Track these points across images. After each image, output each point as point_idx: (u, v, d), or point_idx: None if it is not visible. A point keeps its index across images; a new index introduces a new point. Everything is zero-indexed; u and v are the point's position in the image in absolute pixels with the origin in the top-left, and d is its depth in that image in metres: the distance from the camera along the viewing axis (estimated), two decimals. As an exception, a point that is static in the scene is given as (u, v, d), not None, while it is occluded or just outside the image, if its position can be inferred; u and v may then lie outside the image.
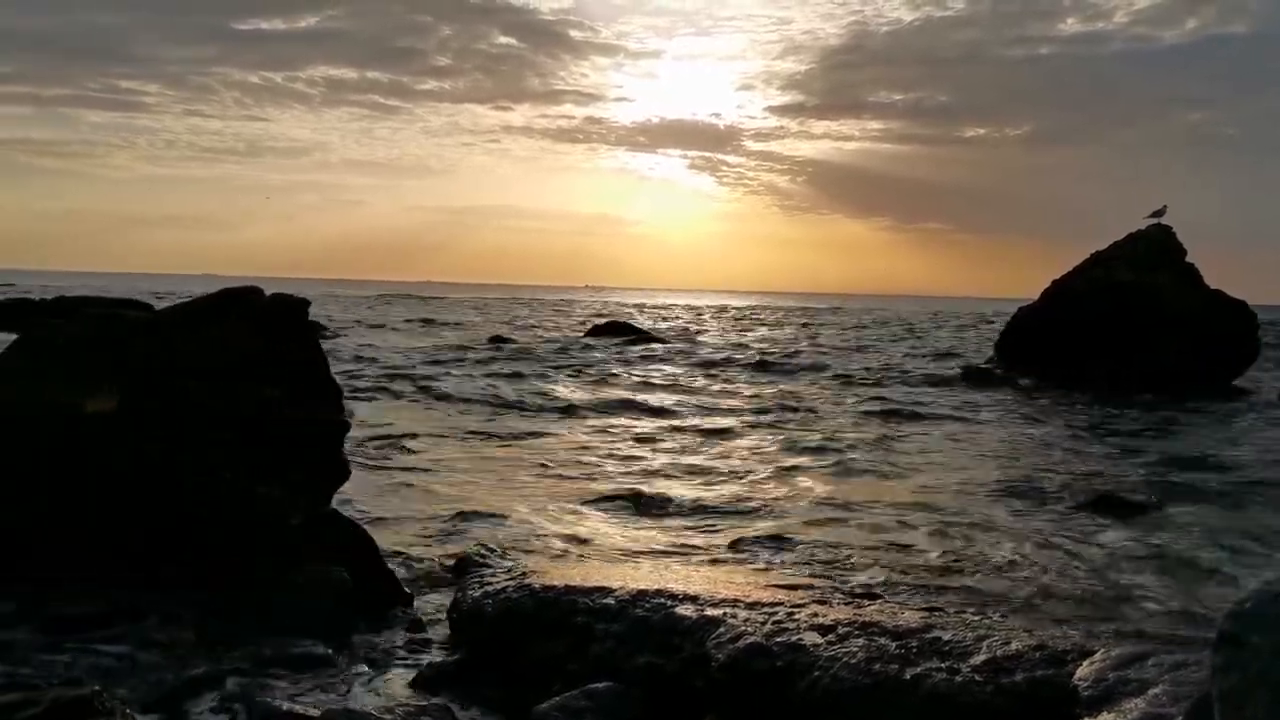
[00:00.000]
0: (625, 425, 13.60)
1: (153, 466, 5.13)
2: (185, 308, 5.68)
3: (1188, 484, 9.97)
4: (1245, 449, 12.72)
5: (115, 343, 5.35)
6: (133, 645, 4.50)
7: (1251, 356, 21.90)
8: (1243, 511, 8.74)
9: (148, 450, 5.13)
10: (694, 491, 9.18)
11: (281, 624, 4.79)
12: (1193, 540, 7.60)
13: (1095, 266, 22.37)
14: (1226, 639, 1.83)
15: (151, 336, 5.42)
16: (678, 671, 3.85)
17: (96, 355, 5.28)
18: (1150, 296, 20.83)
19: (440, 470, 9.78)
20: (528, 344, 30.06)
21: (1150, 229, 22.86)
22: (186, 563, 5.13)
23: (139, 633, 4.63)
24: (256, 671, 4.31)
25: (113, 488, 5.10)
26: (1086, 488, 9.57)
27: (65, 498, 5.06)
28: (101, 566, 5.02)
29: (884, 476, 10.27)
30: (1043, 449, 12.42)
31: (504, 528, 7.46)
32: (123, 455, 5.11)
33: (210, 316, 5.56)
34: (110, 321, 5.54)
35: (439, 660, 4.58)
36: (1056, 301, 22.08)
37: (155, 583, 5.02)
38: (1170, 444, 13.04)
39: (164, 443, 5.16)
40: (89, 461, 5.09)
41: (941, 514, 8.36)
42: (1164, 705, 2.69)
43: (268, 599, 4.97)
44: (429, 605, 5.53)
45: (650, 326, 41.44)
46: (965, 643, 3.54)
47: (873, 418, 15.08)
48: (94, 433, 5.10)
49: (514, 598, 4.42)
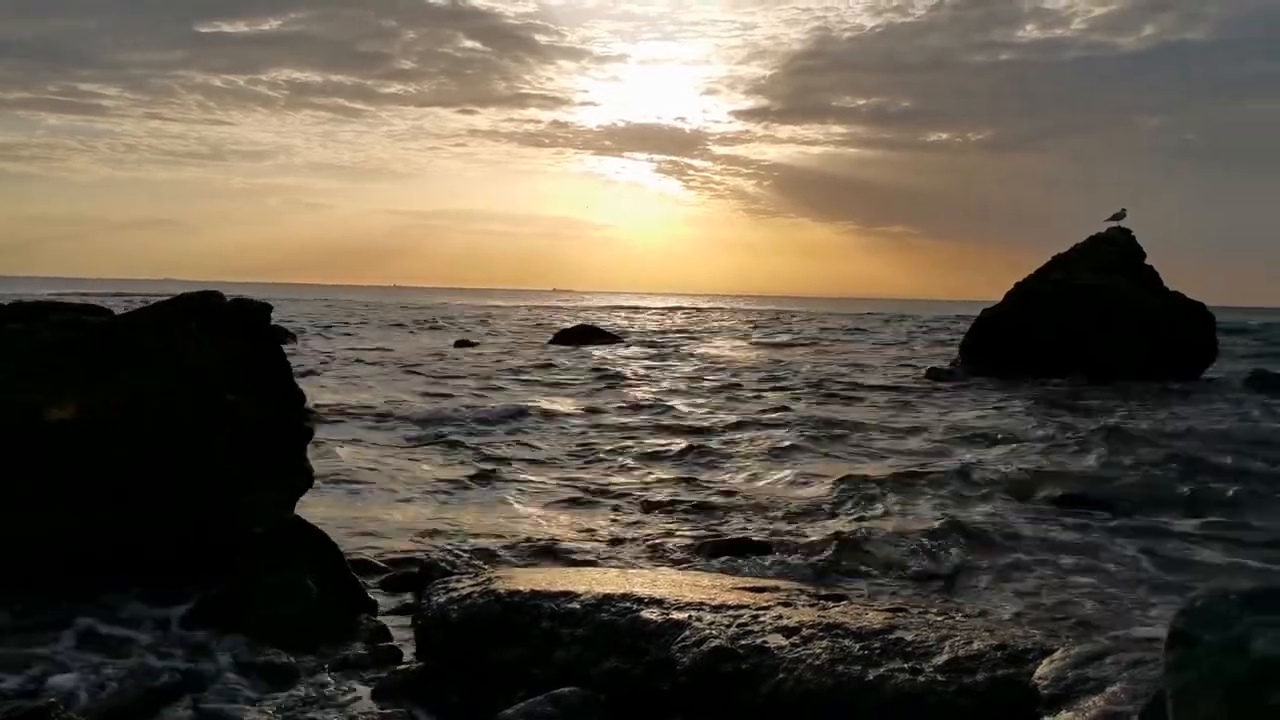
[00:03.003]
0: (587, 425, 13.57)
1: (114, 474, 5.07)
2: (146, 313, 5.61)
3: (1147, 480, 10.11)
4: (1200, 443, 12.91)
5: (76, 348, 5.28)
6: (93, 655, 4.45)
7: (1209, 357, 22.24)
8: (1203, 508, 8.86)
9: (108, 457, 5.07)
10: (658, 494, 9.17)
11: (245, 633, 4.75)
12: (1151, 535, 7.70)
13: (1057, 269, 22.66)
14: (1179, 637, 1.86)
15: (112, 342, 5.35)
16: (643, 675, 3.84)
17: (57, 361, 5.21)
18: (1111, 298, 21.11)
19: (403, 478, 9.72)
20: (494, 350, 29.94)
21: (1111, 232, 23.18)
22: (149, 571, 5.07)
23: (99, 642, 4.58)
24: (218, 681, 4.27)
25: (74, 495, 5.03)
26: (1048, 481, 9.69)
27: (26, 504, 4.98)
28: (63, 574, 4.95)
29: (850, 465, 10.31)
30: (1001, 446, 12.52)
31: (468, 534, 7.44)
32: (83, 463, 5.04)
33: (171, 322, 5.50)
34: (70, 327, 5.47)
35: (403, 668, 4.55)
36: (1020, 304, 22.32)
37: (118, 591, 4.96)
38: (1125, 441, 13.20)
39: (125, 449, 5.10)
40: (50, 468, 5.02)
41: (901, 507, 8.41)
42: (1122, 703, 2.72)
43: (232, 607, 4.92)
44: (393, 612, 5.50)
45: (619, 330, 41.46)
46: (928, 643, 3.57)
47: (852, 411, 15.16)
48: (55, 439, 5.03)
49: (479, 603, 4.40)
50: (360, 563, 6.22)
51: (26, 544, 4.95)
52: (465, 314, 62.94)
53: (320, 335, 34.75)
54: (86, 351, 5.26)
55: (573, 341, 33.62)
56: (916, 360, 28.15)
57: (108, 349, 5.28)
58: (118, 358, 5.27)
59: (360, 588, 5.61)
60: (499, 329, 43.85)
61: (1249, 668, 1.72)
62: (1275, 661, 1.70)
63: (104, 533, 5.03)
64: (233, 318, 5.60)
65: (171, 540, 5.12)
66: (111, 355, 5.26)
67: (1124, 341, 20.50)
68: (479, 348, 29.57)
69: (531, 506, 8.62)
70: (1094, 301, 21.04)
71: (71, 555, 4.99)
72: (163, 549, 5.11)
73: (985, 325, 22.86)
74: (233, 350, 5.46)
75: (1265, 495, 9.38)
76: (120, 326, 5.53)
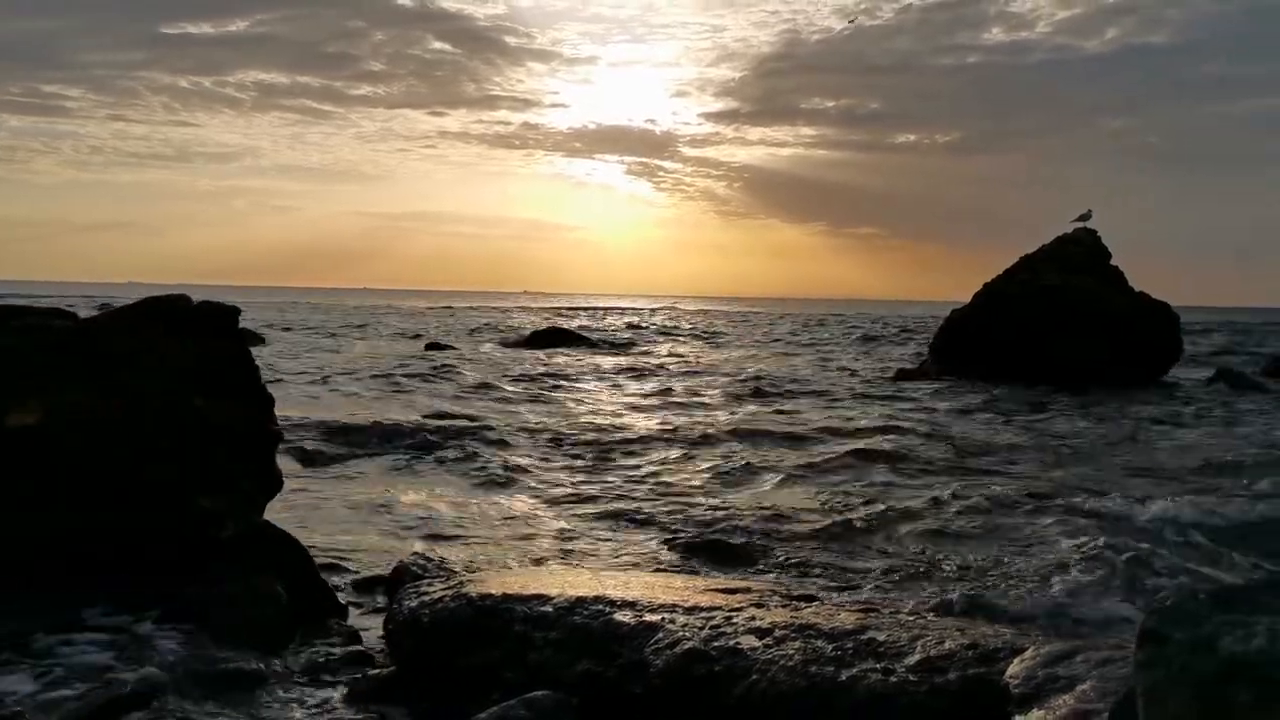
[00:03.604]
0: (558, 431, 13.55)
1: (80, 480, 5.01)
2: (112, 316, 5.54)
3: (1115, 475, 10.23)
4: (1166, 442, 13.09)
5: (40, 353, 5.21)
6: (58, 662, 4.38)
7: (1174, 356, 22.52)
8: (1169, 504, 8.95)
9: (74, 463, 5.00)
10: (628, 495, 9.17)
11: (213, 638, 4.70)
12: (1115, 531, 7.77)
13: (1024, 270, 22.85)
14: (1149, 636, 1.87)
15: (78, 346, 5.29)
16: (616, 678, 3.84)
17: (20, 366, 5.13)
18: (1077, 299, 21.32)
19: (370, 480, 9.65)
20: (464, 353, 29.83)
21: (1077, 232, 23.41)
22: (116, 576, 5.01)
23: (65, 649, 4.51)
24: (186, 688, 4.21)
25: (40, 502, 4.96)
26: (1015, 479, 9.78)
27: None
28: (28, 580, 4.88)
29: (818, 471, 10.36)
30: (969, 445, 12.62)
31: (439, 537, 7.40)
32: (48, 469, 4.97)
33: (138, 325, 5.43)
34: (35, 332, 5.39)
35: (375, 673, 4.52)
36: (987, 304, 22.49)
37: (82, 597, 4.90)
38: (1096, 438, 13.36)
39: (91, 455, 5.04)
40: (12, 476, 4.95)
41: (866, 505, 8.47)
42: (1092, 701, 2.74)
43: (199, 613, 4.87)
44: (364, 617, 5.46)
45: (588, 331, 41.43)
46: (900, 643, 3.59)
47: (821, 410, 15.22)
48: (18, 447, 4.96)
49: (450, 607, 4.38)
50: (330, 566, 6.18)
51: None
52: (435, 315, 62.65)
53: (286, 339, 34.48)
54: (51, 356, 5.19)
55: (542, 344, 33.59)
56: (887, 361, 28.34)
57: (73, 353, 5.21)
58: (83, 362, 5.20)
59: (330, 592, 5.57)
60: (466, 331, 43.69)
61: (1217, 666, 1.74)
62: (1243, 660, 1.72)
63: (69, 537, 4.97)
64: (200, 321, 5.54)
65: (140, 545, 5.06)
66: (77, 360, 5.19)
67: (1088, 341, 20.71)
68: (451, 352, 29.41)
69: (496, 512, 8.59)
70: (1060, 302, 21.24)
71: (34, 560, 4.92)
72: (131, 554, 5.05)
73: (953, 326, 23.02)
74: (201, 354, 5.40)
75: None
76: (86, 330, 5.46)
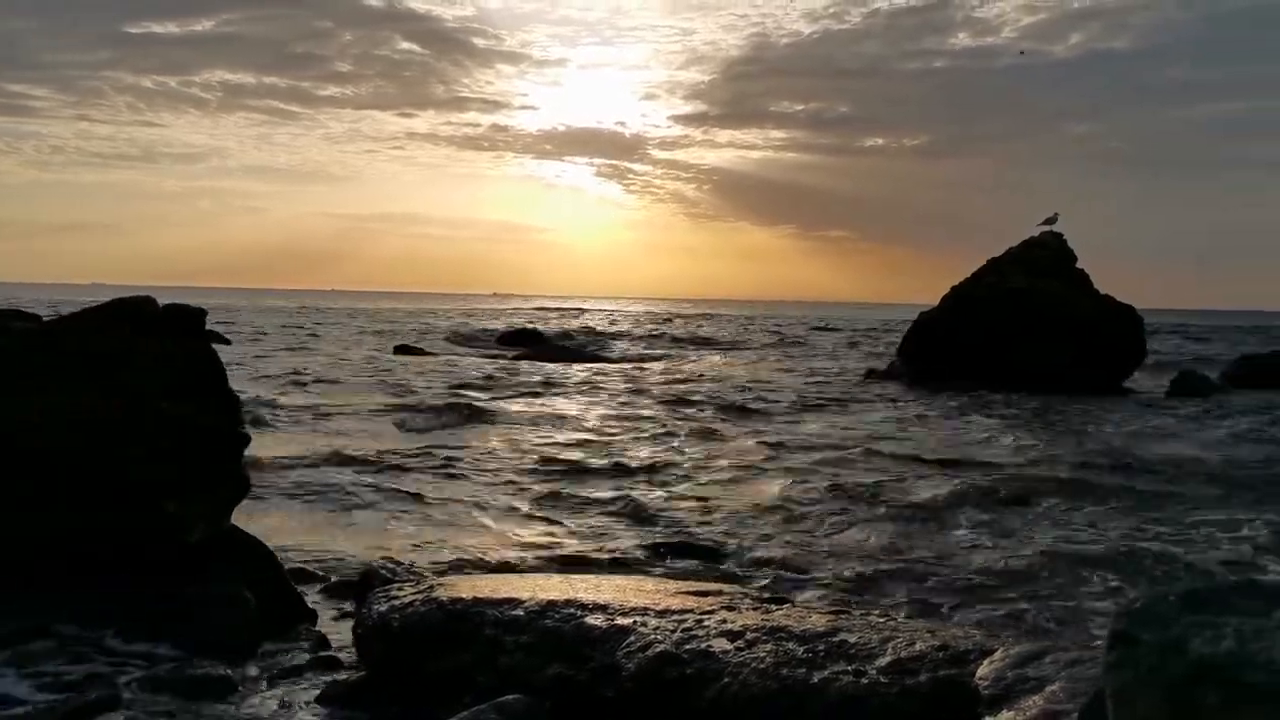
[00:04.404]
0: (524, 435, 13.52)
1: (40, 482, 4.94)
2: (76, 318, 5.47)
3: (1079, 477, 10.34)
4: (1133, 441, 13.25)
5: (2, 356, 5.13)
6: (24, 668, 4.32)
7: (1139, 357, 22.79)
8: (1133, 503, 9.07)
9: (34, 466, 4.93)
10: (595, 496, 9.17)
11: (180, 644, 4.65)
12: (1082, 533, 7.86)
13: (991, 273, 23.04)
14: (1119, 638, 1.89)
15: (41, 349, 5.21)
16: (588, 682, 3.83)
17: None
18: (1042, 302, 21.52)
19: (339, 485, 9.58)
20: (435, 354, 29.72)
21: (1043, 236, 23.63)
22: (80, 581, 4.94)
23: (30, 655, 4.45)
24: (153, 694, 4.17)
25: (3, 505, 4.89)
26: (981, 479, 9.87)
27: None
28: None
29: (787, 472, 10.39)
30: (937, 445, 12.72)
31: (408, 541, 7.36)
32: (10, 470, 4.90)
33: (103, 327, 5.36)
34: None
35: (344, 678, 4.49)
36: (954, 307, 22.64)
37: (46, 602, 4.83)
38: (1059, 438, 13.50)
39: (52, 457, 4.97)
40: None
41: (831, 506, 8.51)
42: (1061, 702, 2.76)
43: (166, 618, 4.81)
44: (334, 622, 5.42)
45: (556, 333, 41.36)
46: (870, 645, 3.60)
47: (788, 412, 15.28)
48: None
49: (421, 611, 4.35)
50: (299, 571, 6.13)
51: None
52: (405, 317, 62.35)
53: (252, 341, 34.19)
54: (14, 359, 5.12)
55: (511, 346, 33.55)
56: (854, 363, 28.49)
57: (37, 356, 5.14)
58: (47, 365, 5.13)
59: (299, 597, 5.52)
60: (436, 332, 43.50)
61: (1187, 668, 1.75)
62: (1212, 662, 1.74)
63: (30, 542, 4.90)
64: (167, 323, 5.47)
65: (103, 550, 5.00)
66: (41, 362, 5.12)
67: (1056, 343, 20.91)
68: (421, 357, 29.27)
69: (462, 518, 8.55)
70: (1025, 305, 21.43)
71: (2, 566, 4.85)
72: (95, 559, 4.98)
73: (922, 329, 23.17)
74: (167, 355, 5.34)
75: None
76: (50, 332, 5.39)
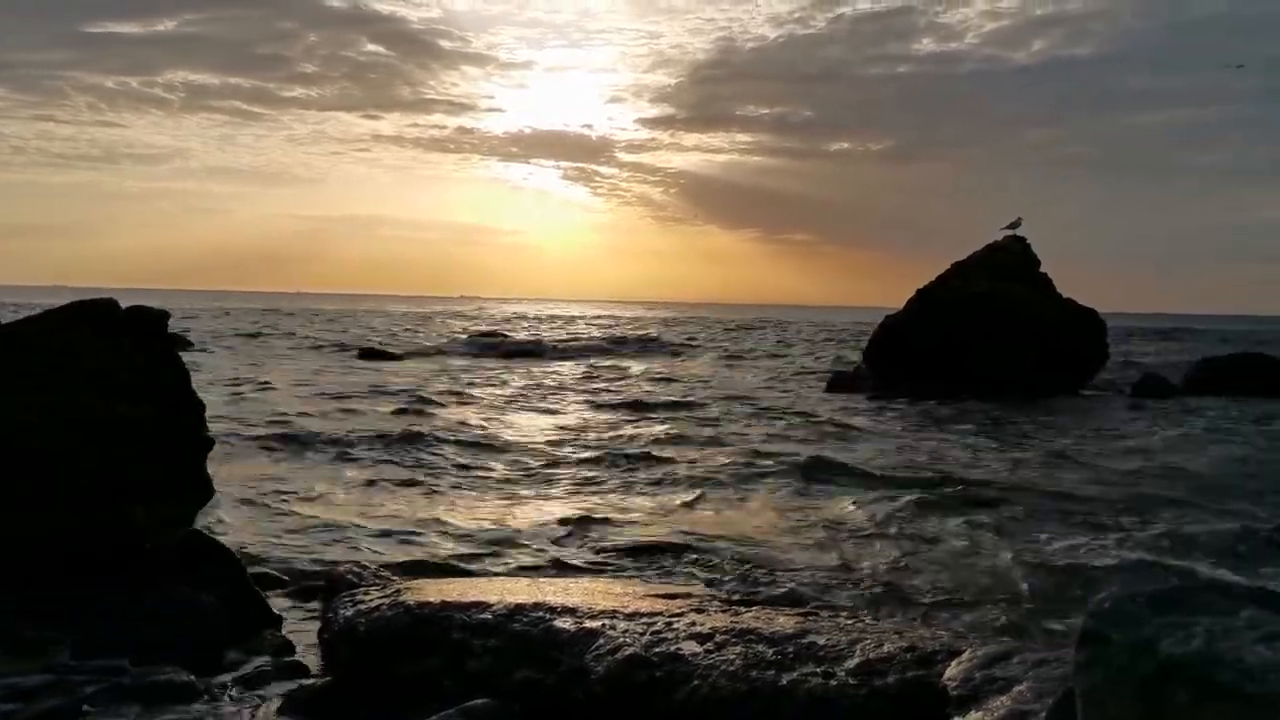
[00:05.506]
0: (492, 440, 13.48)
1: (3, 487, 4.85)
2: (37, 320, 5.38)
3: (1040, 484, 10.43)
4: (1094, 445, 13.39)
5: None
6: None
7: (1101, 360, 23.05)
8: (1095, 502, 9.16)
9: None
10: (562, 501, 9.14)
11: (143, 650, 4.57)
12: (1044, 539, 7.92)
13: (956, 277, 23.19)
14: (1089, 637, 1.89)
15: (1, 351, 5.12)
16: (557, 685, 3.81)
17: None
18: (1006, 305, 21.71)
19: (303, 489, 9.49)
20: (405, 355, 29.56)
21: (1007, 240, 23.84)
22: (40, 586, 4.85)
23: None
24: (113, 702, 4.10)
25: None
26: (944, 482, 9.95)
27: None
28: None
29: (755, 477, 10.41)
30: (900, 448, 12.79)
31: (374, 546, 7.31)
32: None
33: (64, 330, 5.28)
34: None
35: (310, 683, 4.44)
36: (921, 310, 22.78)
37: (3, 607, 4.74)
38: (1020, 442, 13.62)
39: (11, 462, 4.88)
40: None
41: (801, 510, 8.53)
42: (1028, 702, 2.77)
43: (129, 623, 4.74)
44: (299, 627, 5.36)
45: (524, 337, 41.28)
46: (839, 646, 3.60)
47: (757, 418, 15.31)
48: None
49: (388, 615, 4.31)
50: (263, 576, 6.06)
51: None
52: (371, 321, 61.97)
53: (218, 343, 33.86)
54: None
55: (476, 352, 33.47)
56: (820, 367, 28.64)
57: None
58: (4, 367, 5.04)
59: (264, 601, 5.46)
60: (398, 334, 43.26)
61: (1157, 667, 1.76)
62: (1181, 661, 1.75)
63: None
64: (128, 325, 5.40)
65: (65, 555, 4.92)
66: (2, 365, 5.03)
67: (1020, 346, 21.11)
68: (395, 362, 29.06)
69: (428, 519, 8.50)
70: (988, 309, 21.61)
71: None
72: (55, 564, 4.90)
73: (888, 333, 23.29)
74: (128, 358, 5.26)
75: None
76: (9, 335, 5.29)
